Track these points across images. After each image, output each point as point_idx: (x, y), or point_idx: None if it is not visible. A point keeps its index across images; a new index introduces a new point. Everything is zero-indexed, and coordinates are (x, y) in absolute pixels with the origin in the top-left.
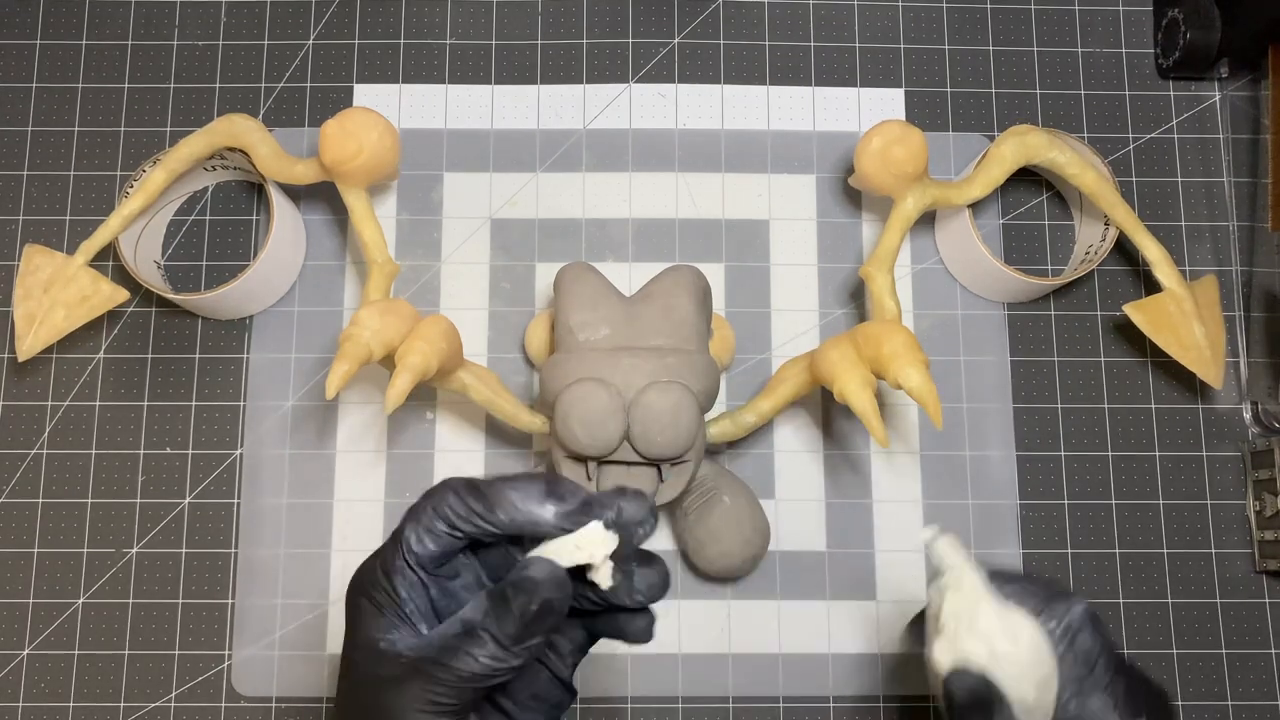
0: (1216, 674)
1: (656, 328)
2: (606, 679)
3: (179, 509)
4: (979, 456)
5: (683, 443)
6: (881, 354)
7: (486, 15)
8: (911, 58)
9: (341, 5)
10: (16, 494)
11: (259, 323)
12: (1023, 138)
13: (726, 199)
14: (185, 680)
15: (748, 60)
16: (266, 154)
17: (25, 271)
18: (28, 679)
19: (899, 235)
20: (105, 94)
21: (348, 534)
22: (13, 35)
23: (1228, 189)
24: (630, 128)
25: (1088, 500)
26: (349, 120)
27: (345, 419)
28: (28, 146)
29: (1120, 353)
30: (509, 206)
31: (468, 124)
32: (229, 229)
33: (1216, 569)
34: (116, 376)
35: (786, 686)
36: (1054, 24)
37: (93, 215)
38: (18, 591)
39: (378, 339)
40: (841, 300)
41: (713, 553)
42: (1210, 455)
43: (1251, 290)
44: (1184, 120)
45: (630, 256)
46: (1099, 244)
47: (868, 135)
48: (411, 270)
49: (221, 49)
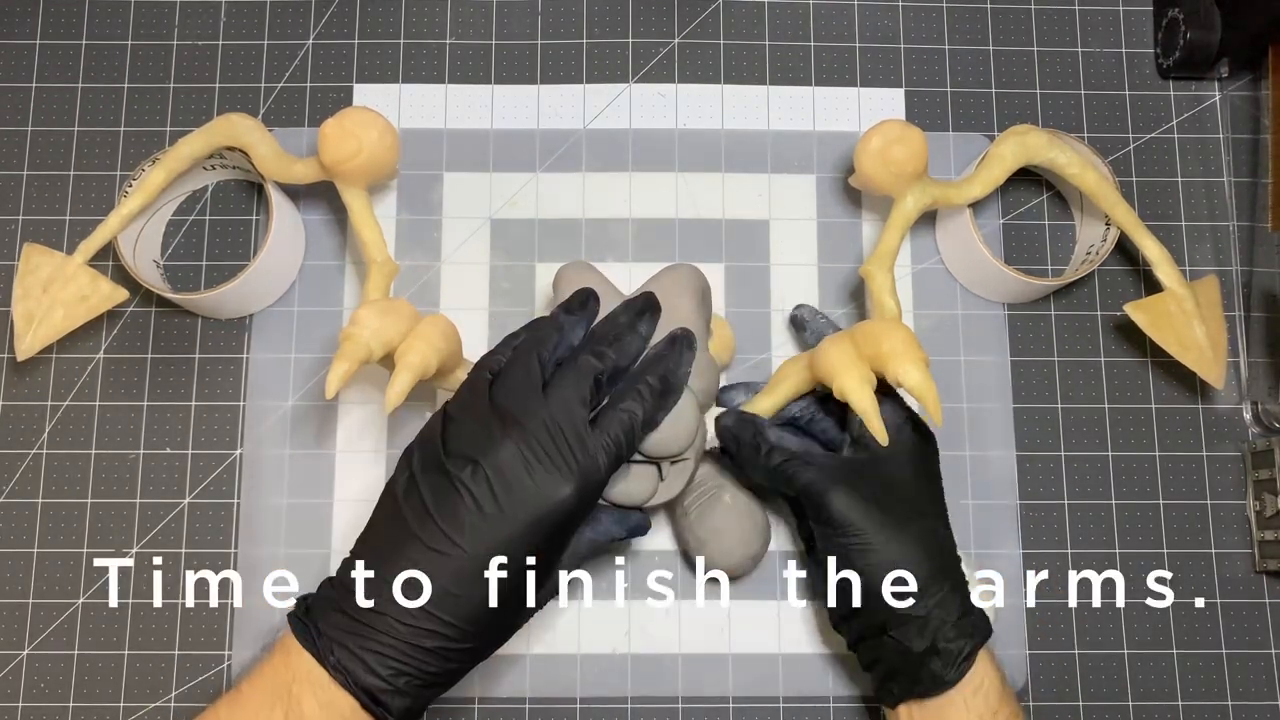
0: (1216, 674)
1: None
2: (607, 679)
3: (179, 509)
4: (979, 456)
5: (682, 441)
6: (881, 351)
7: (486, 15)
8: (911, 58)
9: (341, 5)
10: (16, 494)
11: (259, 322)
12: (1023, 138)
13: (726, 199)
14: (185, 680)
15: (748, 60)
16: (266, 153)
17: (24, 271)
18: (28, 679)
19: (899, 235)
20: (105, 94)
21: (347, 534)
22: (13, 35)
23: (1228, 189)
24: (630, 128)
25: (1088, 500)
26: (348, 119)
27: (345, 418)
28: (28, 146)
29: (1120, 352)
30: (509, 206)
31: (468, 124)
32: (229, 229)
33: (1216, 569)
34: (116, 376)
35: (786, 686)
36: (1054, 24)
37: (92, 215)
38: (18, 591)
39: (377, 338)
40: (841, 300)
41: (714, 551)
42: (1210, 455)
43: (1251, 290)
44: (1184, 120)
45: (630, 256)
46: (1100, 244)
47: (868, 135)
48: (411, 270)
49: (221, 49)
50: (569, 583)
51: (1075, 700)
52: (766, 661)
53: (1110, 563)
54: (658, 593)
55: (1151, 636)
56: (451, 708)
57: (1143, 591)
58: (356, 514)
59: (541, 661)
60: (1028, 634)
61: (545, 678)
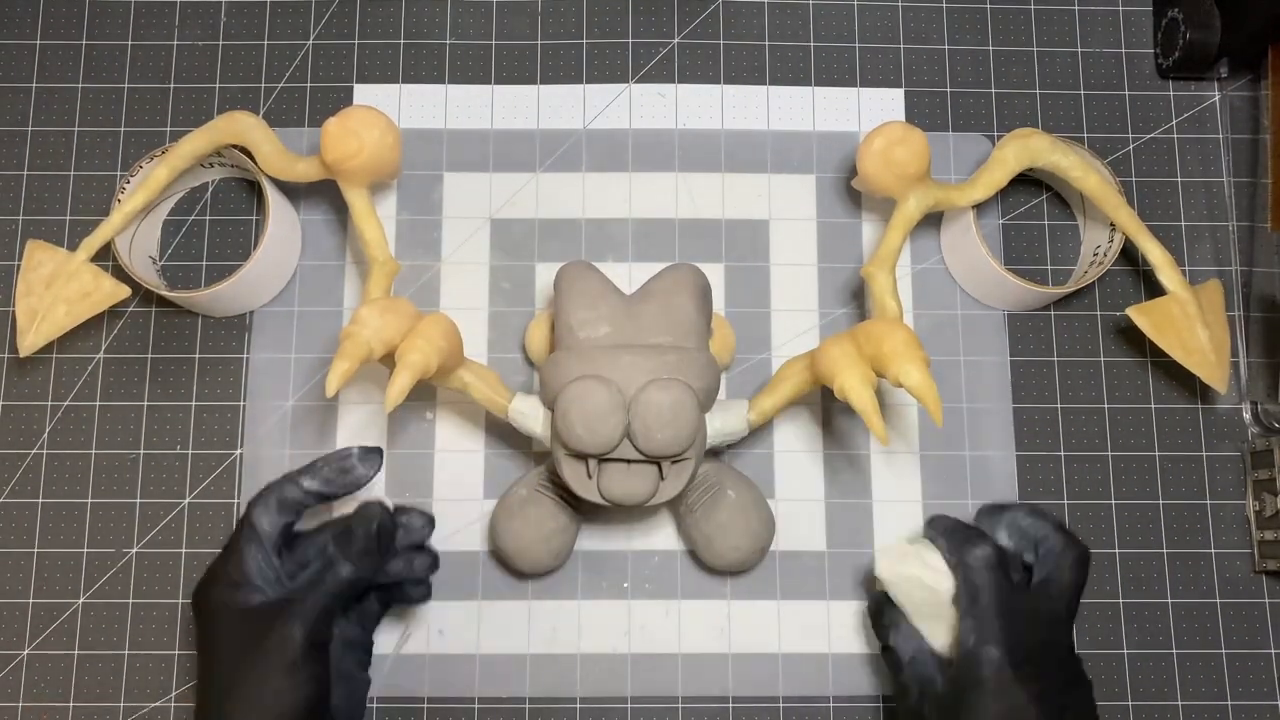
0: (1216, 674)
1: (657, 326)
2: (606, 679)
3: (179, 509)
4: (979, 456)
5: (683, 440)
6: (882, 351)
7: (486, 15)
8: (911, 58)
9: (341, 5)
10: (16, 494)
11: (259, 322)
12: (1025, 141)
13: (726, 199)
14: (185, 680)
15: (748, 60)
16: (269, 151)
17: (27, 268)
18: (28, 679)
19: (901, 236)
20: (105, 94)
21: None
22: (13, 35)
23: (1228, 189)
24: (630, 128)
25: (1088, 500)
26: (350, 118)
27: (345, 418)
28: (28, 146)
29: (1120, 353)
30: (509, 206)
31: (468, 124)
32: (228, 228)
33: (1216, 569)
34: (116, 376)
35: (786, 686)
36: (1054, 24)
37: (93, 215)
38: (18, 591)
39: (378, 337)
40: (842, 300)
41: (721, 547)
42: (1210, 455)
43: (1251, 290)
44: (1184, 120)
45: (630, 256)
46: (1106, 245)
47: (870, 136)
48: (411, 270)
49: (221, 49)
50: (569, 582)
51: None
52: (766, 661)
53: (1110, 563)
54: (658, 592)
55: (1151, 636)
56: (452, 708)
57: (1142, 591)
58: None
59: (541, 661)
60: None
61: (545, 678)
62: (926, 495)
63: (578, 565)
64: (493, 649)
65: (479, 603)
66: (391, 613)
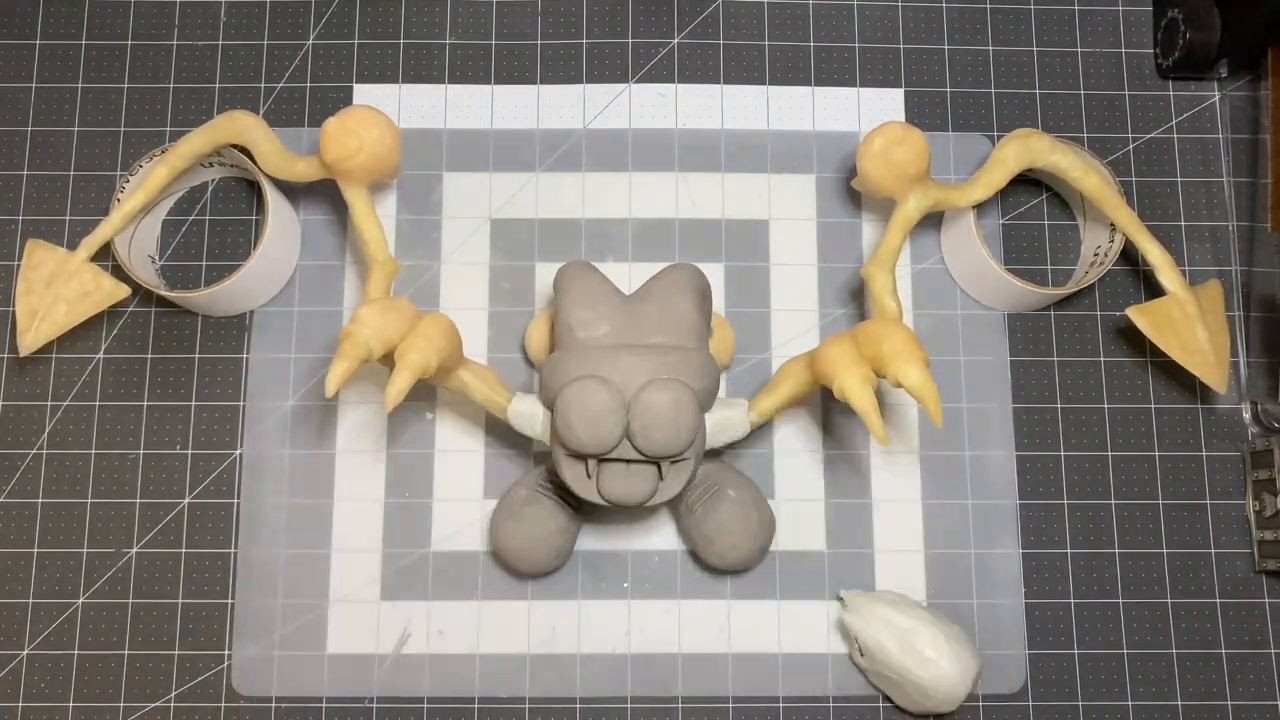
0: (1216, 674)
1: (656, 326)
2: (606, 679)
3: (179, 509)
4: (979, 456)
5: (683, 440)
6: (882, 351)
7: (486, 15)
8: (911, 58)
9: (341, 5)
10: (16, 494)
11: (259, 322)
12: (1025, 141)
13: (726, 199)
14: (185, 680)
15: (748, 60)
16: (269, 151)
17: (27, 267)
18: (28, 679)
19: (901, 236)
20: (105, 94)
21: (348, 534)
22: (13, 35)
23: (1227, 189)
24: (630, 128)
25: (1087, 500)
26: (350, 118)
27: (345, 418)
28: (28, 146)
29: (1120, 353)
30: (509, 206)
31: (468, 124)
32: (228, 228)
33: (1216, 569)
34: (116, 376)
35: (786, 686)
36: (1054, 24)
37: (93, 215)
38: (18, 591)
39: (378, 337)
40: (842, 300)
41: (722, 546)
42: (1210, 455)
43: (1251, 291)
44: (1183, 120)
45: (630, 256)
46: (1107, 245)
47: (869, 137)
48: (411, 270)
49: (221, 49)
50: (569, 582)
51: (1075, 700)
52: (766, 661)
53: (1110, 562)
54: (658, 592)
55: (1151, 636)
56: (451, 708)
57: (1142, 591)
58: (356, 514)
59: (541, 661)
60: (1027, 634)
61: (545, 678)
62: (926, 495)
63: (578, 565)
64: (493, 649)
65: (479, 603)
66: (391, 613)
